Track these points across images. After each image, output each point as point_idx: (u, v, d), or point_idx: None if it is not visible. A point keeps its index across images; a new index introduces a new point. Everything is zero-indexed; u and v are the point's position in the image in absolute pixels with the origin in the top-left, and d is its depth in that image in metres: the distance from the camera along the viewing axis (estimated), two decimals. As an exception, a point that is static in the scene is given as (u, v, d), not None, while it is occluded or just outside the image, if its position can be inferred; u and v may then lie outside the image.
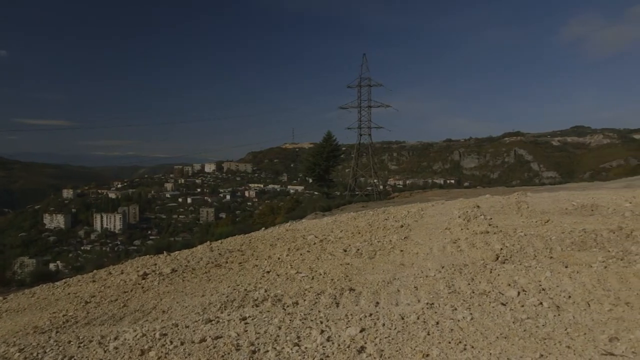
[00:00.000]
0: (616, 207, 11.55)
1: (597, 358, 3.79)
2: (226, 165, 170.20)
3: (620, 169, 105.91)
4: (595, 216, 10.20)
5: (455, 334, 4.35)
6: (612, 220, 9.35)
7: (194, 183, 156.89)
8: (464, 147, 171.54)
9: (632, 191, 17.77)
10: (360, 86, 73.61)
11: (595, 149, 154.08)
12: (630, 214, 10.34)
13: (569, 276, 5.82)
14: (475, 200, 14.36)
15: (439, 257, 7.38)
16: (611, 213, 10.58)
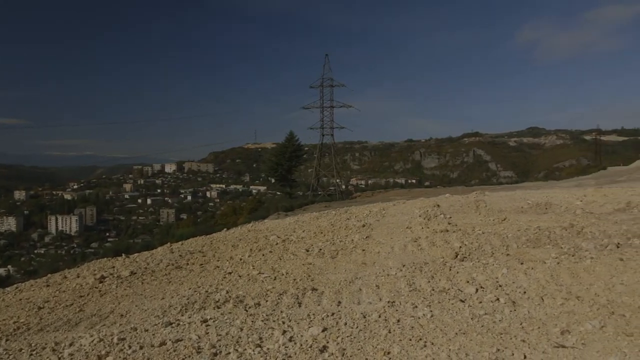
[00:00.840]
0: (568, 205, 12.00)
1: (549, 351, 3.92)
2: (187, 165, 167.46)
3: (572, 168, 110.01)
4: (549, 214, 10.56)
5: (415, 331, 4.42)
6: (565, 218, 9.70)
7: (154, 183, 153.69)
8: (425, 147, 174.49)
9: (582, 190, 18.49)
10: (323, 86, 73.84)
11: (549, 149, 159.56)
12: (581, 211, 10.76)
13: (525, 272, 6.00)
14: (436, 200, 14.63)
15: (400, 255, 7.49)
16: (564, 211, 10.98)
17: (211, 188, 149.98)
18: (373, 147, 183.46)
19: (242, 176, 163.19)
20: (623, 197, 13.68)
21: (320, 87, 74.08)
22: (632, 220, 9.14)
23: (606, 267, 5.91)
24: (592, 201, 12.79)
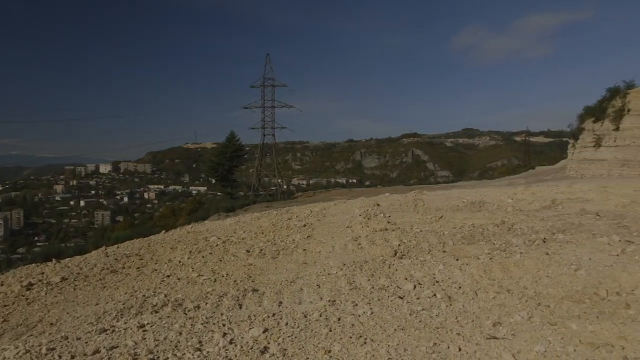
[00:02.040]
0: (500, 203, 12.57)
1: (482, 342, 4.09)
2: (123, 165, 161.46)
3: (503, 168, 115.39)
4: (483, 212, 11.01)
5: (356, 328, 4.48)
6: (497, 216, 10.15)
7: (88, 185, 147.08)
8: (365, 147, 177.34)
9: (513, 189, 19.42)
10: (264, 86, 73.45)
11: (483, 149, 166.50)
12: (512, 209, 11.30)
13: (460, 268, 6.23)
14: (376, 199, 14.90)
15: (340, 254, 7.57)
16: (496, 209, 11.48)
17: (149, 189, 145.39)
18: (314, 147, 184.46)
19: (182, 177, 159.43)
20: (549, 195, 14.49)
21: (262, 86, 73.65)
22: (556, 216, 9.70)
23: (534, 261, 6.24)
24: (521, 199, 13.46)
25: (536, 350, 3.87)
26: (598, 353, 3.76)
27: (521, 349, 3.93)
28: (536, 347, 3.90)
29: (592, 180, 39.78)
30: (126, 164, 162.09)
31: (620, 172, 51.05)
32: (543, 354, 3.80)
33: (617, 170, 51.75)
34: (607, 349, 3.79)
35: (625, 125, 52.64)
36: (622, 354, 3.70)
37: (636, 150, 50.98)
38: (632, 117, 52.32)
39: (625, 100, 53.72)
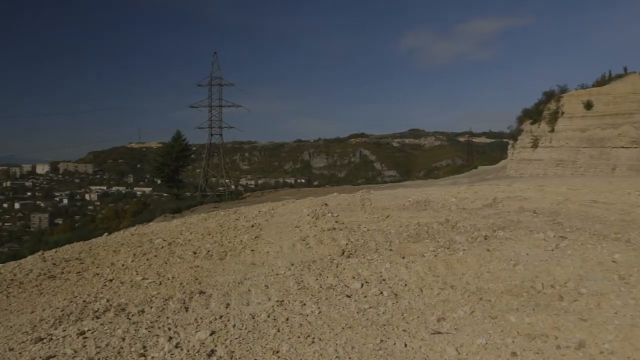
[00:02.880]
0: (444, 202, 12.93)
1: (427, 337, 4.20)
2: (63, 165, 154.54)
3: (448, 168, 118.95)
4: (428, 211, 11.30)
5: (304, 328, 4.50)
6: (441, 214, 10.44)
7: (23, 186, 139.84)
8: (314, 147, 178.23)
9: (457, 188, 20.04)
10: (211, 85, 72.49)
11: (429, 150, 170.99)
12: (456, 207, 11.65)
13: (406, 266, 6.37)
14: (324, 199, 14.98)
15: (289, 254, 7.56)
16: (440, 207, 11.80)
17: (90, 190, 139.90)
18: (263, 147, 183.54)
19: (126, 177, 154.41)
20: (490, 193, 15.05)
21: (209, 85, 72.65)
22: (497, 214, 10.09)
23: (476, 258, 6.47)
24: (464, 198, 13.91)
25: (478, 343, 4.01)
26: (534, 343, 3.94)
27: (464, 342, 4.06)
28: (478, 340, 4.05)
29: (530, 179, 41.68)
30: (66, 164, 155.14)
31: (555, 171, 53.76)
32: (484, 347, 3.95)
33: (552, 169, 54.47)
34: (542, 339, 3.98)
35: (559, 127, 55.52)
36: (556, 343, 3.90)
37: (569, 150, 53.85)
38: (565, 120, 55.26)
39: (560, 103, 56.74)
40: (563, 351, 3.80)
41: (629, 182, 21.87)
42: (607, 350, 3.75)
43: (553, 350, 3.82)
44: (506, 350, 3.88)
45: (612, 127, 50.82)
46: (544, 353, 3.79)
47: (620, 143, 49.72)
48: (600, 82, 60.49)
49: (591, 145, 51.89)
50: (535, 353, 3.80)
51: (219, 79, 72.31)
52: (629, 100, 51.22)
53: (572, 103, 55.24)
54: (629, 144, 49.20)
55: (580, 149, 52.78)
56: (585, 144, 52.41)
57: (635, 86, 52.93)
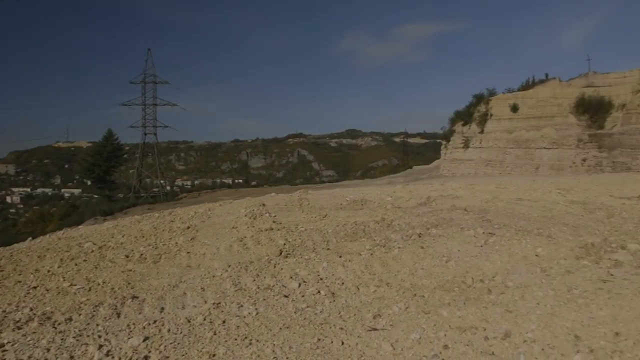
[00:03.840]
0: (381, 201, 13.21)
1: (364, 334, 4.27)
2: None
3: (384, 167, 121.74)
4: (365, 210, 11.49)
5: (241, 330, 4.45)
6: (377, 213, 10.65)
7: None
8: (252, 147, 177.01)
9: (393, 187, 20.54)
10: (145, 83, 70.39)
11: (366, 150, 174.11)
12: (391, 206, 11.93)
13: (343, 265, 6.45)
14: (262, 199, 14.89)
15: (225, 256, 7.45)
16: (377, 206, 12.04)
17: (12, 192, 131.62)
18: (199, 147, 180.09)
19: (52, 178, 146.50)
20: (424, 192, 15.53)
21: (142, 83, 70.50)
22: (430, 212, 10.42)
23: (410, 255, 6.65)
24: (400, 197, 14.26)
25: (412, 338, 4.13)
26: (464, 335, 4.11)
27: (399, 338, 4.17)
28: (412, 335, 4.17)
29: (462, 179, 43.37)
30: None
31: (485, 170, 56.31)
32: (418, 341, 4.07)
33: (482, 169, 57.01)
34: (471, 331, 4.16)
35: (488, 129, 58.21)
36: (484, 334, 4.09)
37: (497, 151, 56.56)
38: (493, 122, 58.02)
39: (489, 106, 59.55)
40: (491, 342, 3.98)
41: (550, 180, 23.26)
42: (530, 339, 3.97)
43: (482, 341, 4.00)
44: (438, 343, 4.01)
45: (535, 129, 53.93)
46: (473, 344, 3.96)
47: (542, 144, 52.84)
48: (525, 87, 64.16)
49: (517, 146, 54.80)
50: (465, 345, 3.96)
51: (153, 76, 70.32)
52: (550, 104, 54.59)
53: (500, 106, 58.15)
54: (550, 145, 52.39)
55: (507, 150, 55.60)
56: (512, 145, 55.28)
57: (555, 91, 56.49)
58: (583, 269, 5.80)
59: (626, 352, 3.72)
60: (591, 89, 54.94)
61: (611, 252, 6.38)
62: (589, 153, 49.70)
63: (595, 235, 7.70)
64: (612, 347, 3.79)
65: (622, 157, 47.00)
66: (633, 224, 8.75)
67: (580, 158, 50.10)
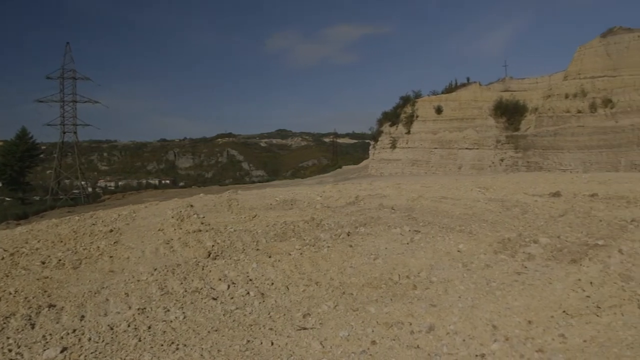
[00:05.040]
0: (310, 200, 13.30)
1: (293, 334, 4.28)
2: None
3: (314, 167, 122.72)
4: (294, 209, 11.52)
5: (167, 335, 4.32)
6: (307, 212, 10.72)
7: None
8: (179, 147, 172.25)
9: (322, 187, 20.75)
10: (63, 78, 66.59)
11: (296, 150, 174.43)
12: (321, 206, 12.05)
13: (272, 265, 6.42)
14: (190, 200, 14.55)
15: (151, 259, 7.21)
16: (306, 206, 12.12)
17: None
18: (123, 146, 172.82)
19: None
20: (353, 192, 15.82)
21: (60, 78, 66.61)
22: (359, 211, 10.62)
23: (339, 254, 6.75)
24: (329, 196, 14.43)
25: (341, 335, 4.19)
26: (391, 331, 4.23)
27: (328, 336, 4.21)
28: (341, 333, 4.23)
29: (389, 178, 44.56)
30: None
31: (411, 170, 58.18)
32: (346, 338, 4.14)
33: (409, 168, 58.86)
34: (398, 326, 4.28)
35: (414, 129, 60.19)
36: (410, 329, 4.23)
37: (423, 151, 58.62)
38: (419, 123, 60.07)
39: (414, 107, 61.59)
40: (416, 335, 4.12)
41: (471, 179, 24.43)
42: (452, 331, 4.15)
43: (407, 336, 4.13)
44: (366, 339, 4.10)
45: (458, 131, 56.47)
46: (400, 339, 4.08)
47: (464, 145, 55.42)
48: (448, 90, 67.01)
49: (441, 146, 57.11)
50: (392, 340, 4.07)
51: (72, 71, 66.65)
52: (471, 107, 57.43)
53: (425, 108, 60.37)
54: (471, 146, 55.05)
55: (432, 150, 57.79)
56: (436, 145, 57.53)
57: (475, 94, 59.49)
58: (500, 263, 6.15)
59: (537, 338, 3.98)
60: (508, 93, 58.50)
61: (525, 246, 6.80)
62: (507, 153, 52.71)
63: (511, 231, 8.18)
64: (525, 335, 4.04)
65: (535, 158, 50.22)
66: (544, 220, 9.37)
67: (499, 158, 53.03)
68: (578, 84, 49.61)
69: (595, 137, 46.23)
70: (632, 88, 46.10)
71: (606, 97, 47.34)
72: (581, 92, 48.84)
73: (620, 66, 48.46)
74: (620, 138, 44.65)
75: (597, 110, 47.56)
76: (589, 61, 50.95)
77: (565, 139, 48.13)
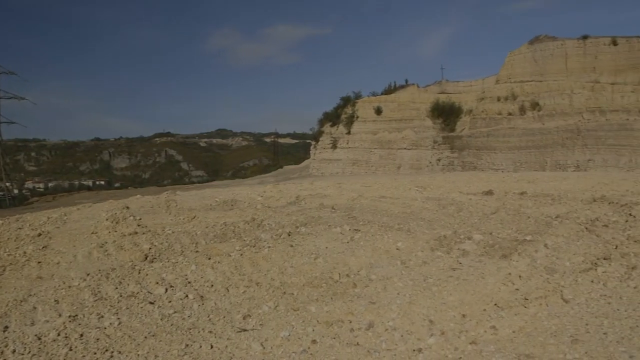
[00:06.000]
0: (251, 201, 13.19)
1: (233, 336, 4.23)
2: None
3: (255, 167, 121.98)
4: (235, 210, 11.38)
5: (101, 342, 4.15)
6: (248, 213, 10.62)
7: None
8: (114, 146, 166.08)
9: (263, 187, 20.63)
10: (-16, 73, 62.51)
11: (236, 150, 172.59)
12: (261, 206, 11.97)
13: (212, 267, 6.31)
14: (126, 202, 14.04)
15: (84, 264, 6.89)
16: (247, 206, 12.00)
17: None
18: (54, 145, 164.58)
19: None
20: (294, 191, 15.83)
21: (-18, 73, 62.52)
22: (300, 211, 10.64)
23: (280, 254, 6.73)
24: (270, 196, 14.36)
25: (281, 335, 4.18)
26: (331, 329, 4.27)
27: (268, 337, 4.20)
28: (281, 333, 4.22)
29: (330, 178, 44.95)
30: None
31: (352, 170, 58.94)
32: (287, 338, 4.14)
33: (349, 168, 59.60)
34: (338, 325, 4.33)
35: (355, 130, 61.03)
36: (350, 327, 4.29)
37: (363, 151, 59.54)
38: (359, 123, 60.99)
39: (355, 108, 62.47)
40: (356, 333, 4.19)
41: (410, 179, 25.09)
42: (391, 327, 4.25)
43: (348, 334, 4.18)
44: (307, 339, 4.11)
45: (397, 131, 57.83)
46: (340, 337, 4.13)
47: (403, 145, 56.80)
48: (387, 91, 68.49)
49: (381, 146, 58.24)
50: (332, 338, 4.11)
51: (-4, 66, 62.69)
52: (409, 108, 58.99)
53: (365, 108, 61.37)
54: (410, 146, 56.52)
55: (372, 150, 58.81)
56: (376, 146, 58.60)
57: (413, 96, 61.20)
58: (437, 260, 6.35)
59: (471, 330, 4.15)
60: (444, 96, 60.56)
61: (460, 243, 7.05)
62: (443, 153, 54.52)
63: (447, 228, 8.46)
64: (460, 328, 4.20)
65: (469, 157, 52.27)
66: (478, 217, 9.76)
67: (436, 158, 54.76)
68: (509, 87, 52.18)
69: (524, 138, 48.76)
70: (557, 92, 49.01)
71: (534, 100, 50.05)
72: (511, 96, 51.41)
73: (546, 72, 51.50)
74: (546, 139, 47.33)
75: (526, 112, 50.21)
76: (518, 66, 53.79)
77: (497, 139, 50.43)
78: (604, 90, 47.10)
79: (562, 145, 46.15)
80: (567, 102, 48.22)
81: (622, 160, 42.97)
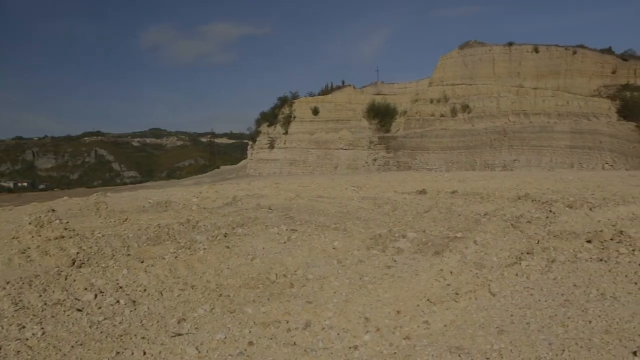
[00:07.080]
0: (186, 202, 12.90)
1: (168, 341, 4.12)
2: None
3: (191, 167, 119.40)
4: (169, 211, 11.09)
5: (22, 355, 3.91)
6: (183, 214, 10.38)
7: None
8: (39, 146, 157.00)
9: (199, 187, 20.24)
10: None
11: (171, 150, 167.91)
12: (197, 207, 11.74)
13: (145, 270, 6.11)
14: (51, 204, 13.31)
15: (3, 271, 6.46)
16: (182, 208, 11.73)
17: None
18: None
19: None
20: (231, 192, 15.64)
21: None
22: (236, 212, 10.52)
23: (216, 256, 6.62)
24: (206, 197, 14.11)
25: (217, 338, 4.12)
26: (268, 330, 4.25)
27: (204, 340, 4.12)
28: (217, 336, 4.16)
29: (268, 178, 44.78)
30: None
31: (289, 170, 58.96)
32: (223, 341, 4.08)
33: (287, 168, 59.59)
34: (275, 325, 4.32)
35: (292, 130, 61.11)
36: (287, 327, 4.30)
37: (300, 151, 59.72)
38: (297, 123, 61.14)
39: (292, 108, 62.55)
40: (293, 333, 4.19)
41: (346, 179, 25.44)
42: (327, 326, 4.29)
43: (284, 334, 4.18)
44: (243, 340, 4.08)
45: (334, 131, 58.45)
46: (277, 337, 4.12)
47: (340, 145, 57.50)
48: (324, 92, 69.03)
49: (318, 146, 58.65)
50: (269, 339, 4.10)
51: None
52: (346, 109, 59.82)
53: (303, 109, 61.59)
54: (347, 146, 57.29)
55: (309, 150, 59.10)
56: (313, 146, 58.95)
57: (350, 97, 62.08)
58: (372, 258, 6.48)
59: (405, 326, 4.27)
60: (380, 97, 61.79)
61: (395, 241, 7.24)
62: (379, 154, 55.66)
63: (383, 227, 8.66)
64: (394, 324, 4.31)
65: (404, 158, 53.69)
66: (412, 216, 10.06)
67: (372, 158, 55.81)
68: (441, 90, 54.17)
69: (455, 139, 50.74)
70: (485, 95, 51.43)
71: (464, 102, 52.24)
72: (444, 98, 53.41)
73: (476, 76, 53.99)
74: (476, 140, 49.49)
75: (457, 114, 52.31)
76: (449, 70, 56.00)
77: (430, 140, 52.16)
78: (527, 94, 49.92)
79: (490, 146, 48.40)
80: (494, 104, 50.68)
81: (544, 160, 45.67)
